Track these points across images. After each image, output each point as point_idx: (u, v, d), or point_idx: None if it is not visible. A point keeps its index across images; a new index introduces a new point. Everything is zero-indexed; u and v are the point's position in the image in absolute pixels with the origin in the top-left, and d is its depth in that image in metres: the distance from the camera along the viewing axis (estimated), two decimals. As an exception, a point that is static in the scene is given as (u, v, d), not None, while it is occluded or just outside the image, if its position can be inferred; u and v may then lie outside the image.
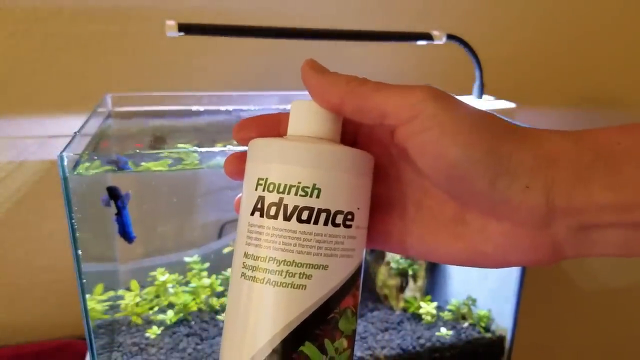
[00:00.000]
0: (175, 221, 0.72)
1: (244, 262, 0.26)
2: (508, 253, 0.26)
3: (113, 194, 0.56)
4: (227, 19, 0.71)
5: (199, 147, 0.54)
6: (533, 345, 1.05)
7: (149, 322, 0.66)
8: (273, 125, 0.28)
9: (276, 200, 0.25)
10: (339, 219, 0.25)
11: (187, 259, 0.69)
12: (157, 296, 0.67)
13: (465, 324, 0.70)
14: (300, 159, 0.25)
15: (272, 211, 0.25)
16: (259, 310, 0.25)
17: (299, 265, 0.24)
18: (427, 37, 0.64)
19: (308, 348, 0.24)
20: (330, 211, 0.25)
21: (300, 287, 0.24)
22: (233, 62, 0.74)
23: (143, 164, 0.51)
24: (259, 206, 0.25)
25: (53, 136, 0.69)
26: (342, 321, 0.25)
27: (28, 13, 0.65)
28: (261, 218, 0.25)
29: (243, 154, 0.28)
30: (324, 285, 0.25)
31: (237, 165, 0.28)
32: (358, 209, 0.26)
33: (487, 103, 0.69)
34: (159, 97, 0.70)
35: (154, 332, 0.64)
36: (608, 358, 1.16)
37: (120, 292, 0.65)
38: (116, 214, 0.57)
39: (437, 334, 0.68)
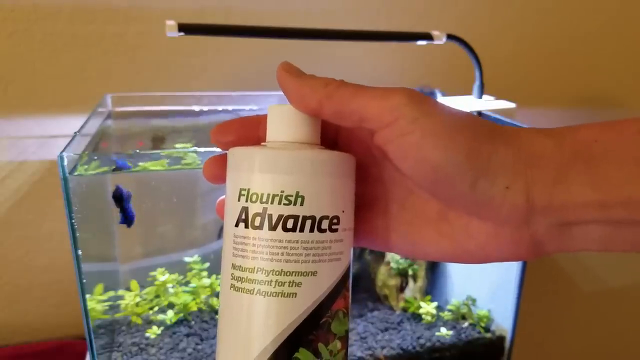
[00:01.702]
0: (175, 221, 0.72)
1: (232, 274, 0.25)
2: (490, 250, 0.26)
3: (117, 197, 0.56)
4: (227, 19, 0.71)
5: (199, 147, 0.54)
6: (533, 345, 1.05)
7: (149, 322, 0.66)
8: (252, 128, 0.28)
9: (260, 211, 0.25)
10: (325, 224, 0.25)
11: (187, 259, 0.69)
12: (157, 296, 0.67)
13: (465, 324, 0.70)
14: (281, 167, 0.25)
15: (257, 222, 0.25)
16: (251, 321, 0.25)
17: (288, 274, 0.24)
18: (427, 37, 0.64)
19: (302, 354, 0.25)
20: (316, 217, 0.25)
21: (291, 295, 0.24)
22: (233, 62, 0.74)
23: (141, 163, 0.51)
24: (243, 217, 0.25)
25: (53, 136, 0.69)
26: (335, 324, 0.26)
27: (28, 13, 0.65)
28: (246, 229, 0.25)
29: (222, 158, 0.28)
30: (314, 291, 0.25)
31: (216, 169, 0.28)
32: (343, 211, 0.26)
33: (487, 103, 0.69)
34: (159, 97, 0.70)
35: (154, 332, 0.64)
36: (608, 358, 1.16)
37: (120, 292, 0.65)
38: (121, 211, 0.57)
39: (437, 334, 0.68)
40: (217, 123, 0.28)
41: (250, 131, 0.28)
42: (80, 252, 0.50)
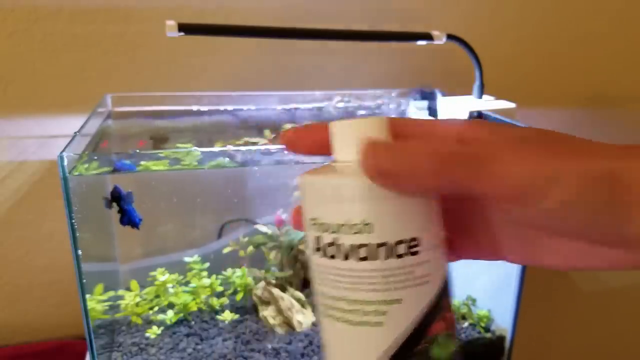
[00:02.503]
0: (175, 221, 0.72)
1: (322, 301, 0.25)
2: (596, 263, 0.25)
3: (115, 195, 0.56)
4: (227, 19, 0.71)
5: (199, 147, 0.54)
6: (533, 345, 1.05)
7: (149, 322, 0.66)
8: (322, 132, 0.26)
9: (331, 241, 0.24)
10: (402, 248, 0.23)
11: (187, 259, 0.69)
12: (157, 296, 0.67)
13: (465, 324, 0.70)
14: (347, 194, 0.23)
15: (330, 252, 0.24)
16: (344, 349, 0.24)
17: (370, 303, 0.23)
18: (427, 37, 0.64)
19: None
20: (389, 243, 0.23)
21: (377, 324, 0.23)
22: (233, 62, 0.74)
23: (143, 162, 0.51)
24: (318, 246, 0.24)
25: (53, 136, 0.69)
26: (435, 349, 0.24)
27: (28, 13, 0.65)
28: (322, 258, 0.24)
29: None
30: (402, 319, 0.23)
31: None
32: (423, 231, 0.24)
33: (487, 103, 0.69)
34: (159, 97, 0.70)
35: (154, 332, 0.64)
36: (608, 358, 1.16)
37: (120, 292, 0.65)
38: (119, 212, 0.57)
39: (437, 334, 0.68)
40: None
41: (320, 135, 0.26)
42: (80, 252, 0.50)
